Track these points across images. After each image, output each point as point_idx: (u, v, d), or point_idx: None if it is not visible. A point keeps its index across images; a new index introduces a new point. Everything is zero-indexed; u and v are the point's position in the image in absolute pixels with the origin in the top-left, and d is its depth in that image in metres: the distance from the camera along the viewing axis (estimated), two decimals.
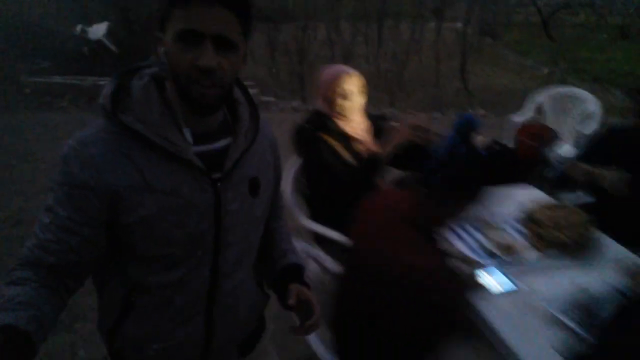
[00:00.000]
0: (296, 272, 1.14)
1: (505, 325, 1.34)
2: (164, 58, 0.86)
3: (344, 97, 1.93)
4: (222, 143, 0.95)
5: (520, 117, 3.64)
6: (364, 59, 11.07)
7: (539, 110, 3.69)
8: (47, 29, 6.67)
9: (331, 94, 1.95)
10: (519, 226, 1.76)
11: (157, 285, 0.93)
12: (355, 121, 1.99)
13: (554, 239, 1.62)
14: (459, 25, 11.14)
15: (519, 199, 1.95)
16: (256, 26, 11.35)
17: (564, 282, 1.45)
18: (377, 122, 2.09)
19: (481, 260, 1.57)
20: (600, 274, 1.47)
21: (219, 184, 0.92)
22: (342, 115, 1.97)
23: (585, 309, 1.28)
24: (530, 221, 1.71)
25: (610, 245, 1.66)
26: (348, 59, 9.65)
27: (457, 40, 10.53)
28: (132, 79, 0.89)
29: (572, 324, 1.27)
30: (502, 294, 1.44)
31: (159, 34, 0.85)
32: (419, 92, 9.46)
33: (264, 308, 1.15)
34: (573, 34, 13.79)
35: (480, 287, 1.44)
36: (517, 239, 1.69)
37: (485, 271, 1.51)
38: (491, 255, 1.61)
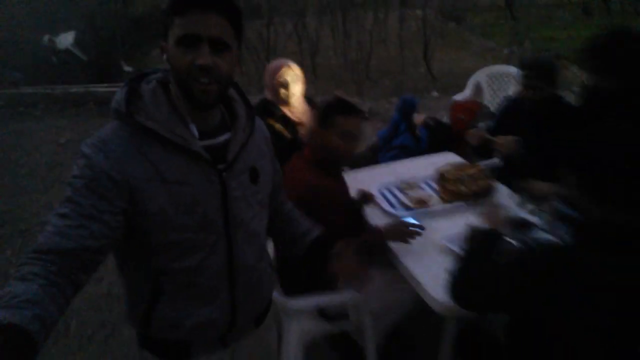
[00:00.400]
0: (327, 241, 1.36)
1: (410, 256, 1.69)
2: (167, 62, 0.97)
3: (285, 86, 2.25)
4: (223, 138, 1.05)
5: (460, 97, 4.01)
6: (331, 51, 11.39)
7: (477, 88, 4.06)
8: (14, 40, 6.81)
9: (275, 84, 2.27)
10: (433, 184, 2.12)
11: (180, 270, 1.01)
12: (295, 106, 2.32)
13: (457, 191, 1.97)
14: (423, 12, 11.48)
15: (438, 162, 2.30)
16: None
17: (460, 222, 1.80)
18: (315, 105, 2.41)
19: (397, 212, 1.92)
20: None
21: (223, 174, 1.02)
22: (284, 102, 2.29)
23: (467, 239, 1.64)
24: (441, 178, 2.06)
25: (502, 192, 2.03)
26: (315, 52, 9.94)
27: (427, 27, 10.84)
28: (141, 84, 1.00)
29: (457, 250, 1.62)
30: None
31: (163, 43, 0.97)
32: (385, 80, 9.73)
33: (274, 284, 1.29)
34: (537, 14, 14.22)
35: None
36: (430, 194, 2.05)
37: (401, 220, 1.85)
38: (406, 207, 1.96)
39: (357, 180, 2.15)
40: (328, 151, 1.72)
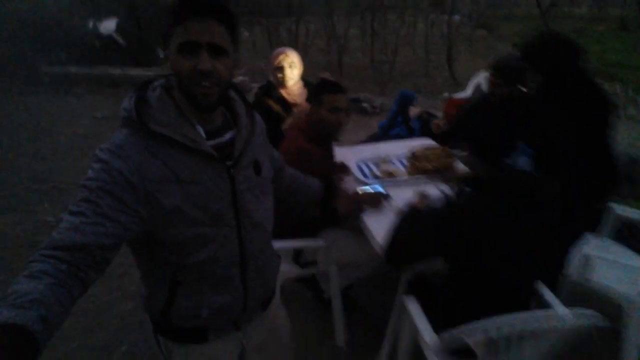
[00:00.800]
0: (331, 189, 1.71)
1: (371, 216, 2.01)
2: (170, 69, 1.01)
3: (281, 70, 2.60)
4: (227, 136, 1.11)
5: (460, 95, 4.27)
6: (359, 52, 11.69)
7: (477, 88, 4.31)
8: (62, 24, 7.45)
9: (274, 69, 2.63)
10: (404, 160, 2.44)
11: (195, 263, 1.06)
12: (291, 88, 2.66)
13: (422, 167, 2.29)
14: (456, 17, 11.62)
15: (416, 145, 2.61)
16: (259, 21, 12.07)
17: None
18: (311, 88, 2.75)
19: (368, 181, 2.25)
20: (441, 186, 2.14)
21: (231, 170, 1.08)
22: (282, 84, 2.64)
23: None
24: (411, 156, 2.38)
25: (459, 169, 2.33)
26: (342, 51, 10.27)
27: (452, 32, 11.02)
28: (147, 91, 1.04)
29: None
30: None
31: (166, 52, 1.01)
32: (409, 81, 9.94)
33: (279, 268, 1.37)
34: (573, 26, 14.12)
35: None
36: (399, 168, 2.37)
37: (368, 186, 2.18)
38: (376, 178, 2.29)
39: (342, 154, 2.49)
40: (321, 124, 2.05)
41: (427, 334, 1.52)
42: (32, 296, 0.73)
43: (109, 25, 7.48)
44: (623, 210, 2.29)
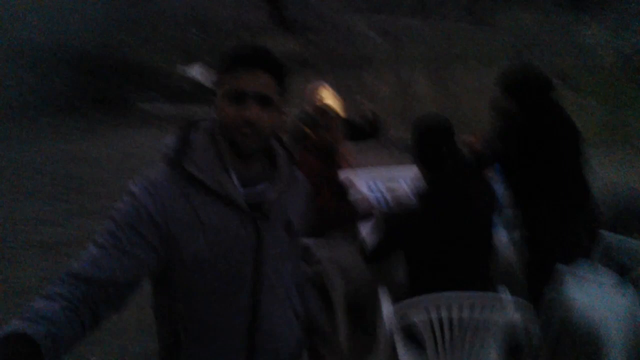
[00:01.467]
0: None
1: (365, 226, 2.34)
2: (215, 113, 1.03)
3: (320, 101, 3.06)
4: (261, 187, 1.07)
5: None
6: (428, 100, 12.00)
7: None
8: (155, 67, 8.73)
9: (313, 99, 3.10)
10: (409, 181, 2.76)
11: (202, 316, 1.02)
12: None
13: None
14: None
15: None
16: (333, 71, 12.95)
17: None
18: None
19: (371, 194, 2.60)
20: None
21: (258, 222, 1.04)
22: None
23: None
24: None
25: None
26: (411, 99, 10.67)
27: None
28: (190, 132, 1.05)
29: None
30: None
31: (212, 97, 1.03)
32: (472, 128, 9.98)
33: (303, 339, 1.22)
34: None
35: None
36: (402, 187, 2.70)
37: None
38: (380, 192, 2.63)
39: (362, 175, 2.90)
40: (319, 143, 2.47)
41: (386, 309, 1.80)
42: (44, 313, 0.76)
43: (195, 69, 8.64)
44: (610, 237, 2.41)
